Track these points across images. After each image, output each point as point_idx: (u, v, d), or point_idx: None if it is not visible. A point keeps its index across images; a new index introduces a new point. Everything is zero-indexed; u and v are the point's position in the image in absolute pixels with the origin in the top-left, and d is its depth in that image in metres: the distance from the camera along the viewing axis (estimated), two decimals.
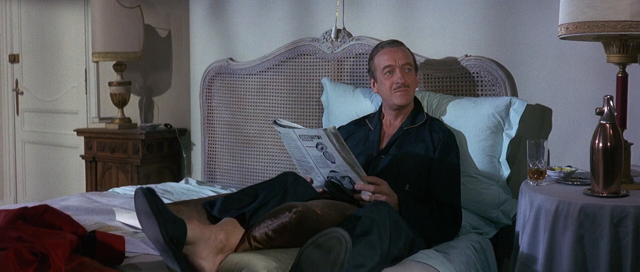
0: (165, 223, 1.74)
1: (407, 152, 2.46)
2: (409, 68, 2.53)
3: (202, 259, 1.82)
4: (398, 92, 2.52)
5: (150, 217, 1.76)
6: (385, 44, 2.60)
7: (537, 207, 2.08)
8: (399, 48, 2.57)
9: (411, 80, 2.53)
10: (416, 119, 2.56)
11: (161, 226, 1.73)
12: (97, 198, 3.03)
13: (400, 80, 2.50)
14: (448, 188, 2.41)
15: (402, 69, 2.51)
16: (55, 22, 4.80)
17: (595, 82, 2.59)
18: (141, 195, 1.77)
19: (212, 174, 3.64)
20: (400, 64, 2.52)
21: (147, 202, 1.75)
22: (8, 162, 5.26)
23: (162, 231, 1.73)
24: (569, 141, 2.67)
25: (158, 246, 1.82)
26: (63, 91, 4.79)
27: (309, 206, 1.94)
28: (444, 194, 2.39)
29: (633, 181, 2.25)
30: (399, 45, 2.59)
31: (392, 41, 2.61)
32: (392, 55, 2.54)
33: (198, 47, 3.74)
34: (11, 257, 1.63)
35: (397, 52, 2.54)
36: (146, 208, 1.76)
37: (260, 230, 1.90)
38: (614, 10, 2.08)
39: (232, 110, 3.55)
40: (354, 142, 2.60)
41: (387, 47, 2.57)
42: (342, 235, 1.66)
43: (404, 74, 2.51)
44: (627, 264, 1.93)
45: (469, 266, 2.27)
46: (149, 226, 1.79)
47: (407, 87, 2.52)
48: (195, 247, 1.81)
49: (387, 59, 2.54)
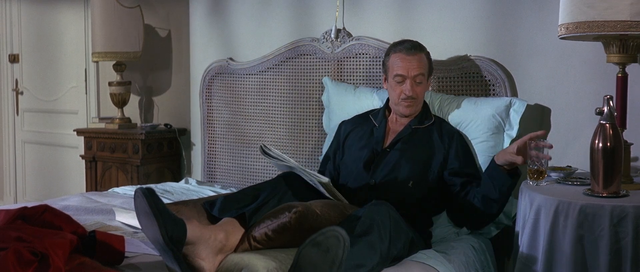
0: (165, 223, 1.74)
1: (413, 150, 2.45)
2: (420, 80, 2.47)
3: (202, 259, 1.82)
4: (404, 103, 2.50)
5: (150, 217, 1.76)
6: (404, 48, 2.50)
7: (537, 207, 2.08)
8: (415, 56, 2.47)
9: (420, 91, 2.49)
10: (424, 120, 2.55)
11: (161, 226, 1.73)
12: (97, 198, 3.03)
13: (408, 93, 2.46)
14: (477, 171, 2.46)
15: (413, 80, 2.46)
16: (55, 22, 4.80)
17: (595, 82, 2.59)
18: (141, 195, 1.77)
19: (212, 174, 3.64)
20: (412, 75, 2.46)
21: (146, 203, 1.75)
22: (8, 162, 5.26)
23: (161, 231, 1.73)
24: (568, 141, 2.67)
25: (158, 246, 1.82)
26: (63, 91, 4.79)
27: (309, 206, 1.94)
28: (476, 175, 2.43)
29: (633, 181, 2.25)
30: (417, 52, 2.48)
31: (412, 46, 2.50)
32: (406, 65, 2.46)
33: (198, 47, 3.74)
34: (11, 257, 1.63)
35: (412, 62, 2.46)
36: (146, 208, 1.76)
37: (260, 230, 1.91)
38: (614, 10, 2.07)
39: (232, 110, 3.54)
40: (359, 135, 2.59)
41: (404, 53, 2.48)
42: (340, 233, 1.67)
43: (414, 85, 2.46)
44: (627, 264, 1.93)
45: (468, 266, 2.27)
46: (148, 226, 1.79)
47: (414, 99, 2.49)
48: (195, 248, 1.82)
49: (401, 67, 2.47)
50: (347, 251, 1.67)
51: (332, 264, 1.66)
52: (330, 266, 1.66)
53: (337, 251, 1.66)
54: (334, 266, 1.66)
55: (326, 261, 1.66)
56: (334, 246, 1.66)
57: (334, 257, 1.66)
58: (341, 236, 1.66)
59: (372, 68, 3.09)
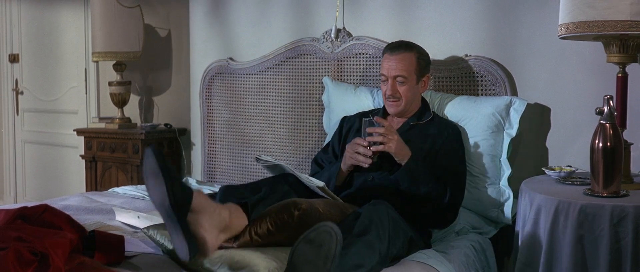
0: (172, 184, 1.70)
1: (412, 146, 2.45)
2: (401, 80, 2.48)
3: (205, 230, 1.78)
4: (388, 102, 2.53)
5: (158, 177, 1.71)
6: (388, 48, 2.55)
7: (537, 207, 2.08)
8: (399, 56, 2.49)
9: (404, 91, 2.49)
10: (423, 117, 2.56)
11: (168, 186, 1.69)
12: (97, 198, 3.03)
13: (388, 92, 2.50)
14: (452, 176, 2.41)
15: (394, 80, 2.49)
16: (55, 22, 4.80)
17: (595, 82, 2.59)
18: (151, 154, 1.72)
19: (212, 174, 3.64)
20: (393, 75, 2.48)
21: (156, 161, 1.71)
22: (8, 162, 5.26)
23: (168, 192, 1.69)
24: (568, 141, 2.67)
25: (162, 210, 1.77)
26: (63, 91, 4.79)
27: (313, 204, 1.95)
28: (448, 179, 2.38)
29: (633, 181, 2.25)
30: (401, 52, 2.50)
31: (397, 45, 2.53)
32: (388, 64, 2.50)
33: (198, 47, 3.74)
34: (11, 257, 1.63)
35: (393, 61, 2.49)
36: (154, 168, 1.71)
37: (262, 224, 1.91)
38: (614, 10, 2.07)
39: (232, 110, 3.54)
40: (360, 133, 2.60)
41: (388, 52, 2.52)
42: (332, 228, 1.67)
43: (395, 85, 2.49)
44: (627, 264, 1.93)
45: (468, 266, 2.27)
46: (155, 187, 1.74)
47: (397, 99, 2.50)
48: (198, 216, 1.78)
49: (384, 67, 2.51)
50: (340, 245, 1.68)
51: (326, 259, 1.66)
52: (324, 261, 1.66)
53: (330, 245, 1.67)
54: (327, 261, 1.66)
55: (320, 256, 1.67)
56: (326, 241, 1.67)
57: (327, 253, 1.67)
58: (333, 231, 1.67)
59: (372, 68, 3.09)
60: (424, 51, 2.56)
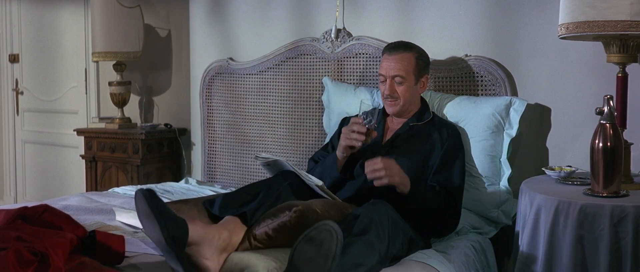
0: (166, 224, 1.74)
1: (411, 147, 2.45)
2: (399, 80, 2.48)
3: (206, 259, 1.82)
4: (386, 102, 2.53)
5: (150, 218, 1.76)
6: (387, 48, 2.55)
7: (537, 207, 2.08)
8: (397, 56, 2.49)
9: (402, 91, 2.49)
10: (422, 117, 2.56)
11: (162, 227, 1.73)
12: (97, 198, 3.03)
13: (386, 92, 2.49)
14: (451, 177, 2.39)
15: (392, 80, 2.49)
16: (55, 22, 4.80)
17: (595, 82, 2.59)
18: (141, 197, 1.77)
19: (212, 174, 3.64)
20: (391, 75, 2.48)
21: (147, 204, 1.75)
22: (8, 162, 5.26)
23: (163, 232, 1.73)
24: (568, 141, 2.67)
25: (160, 247, 1.82)
26: (63, 91, 4.79)
27: (309, 205, 1.95)
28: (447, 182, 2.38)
29: (633, 181, 2.25)
30: (400, 52, 2.50)
31: (395, 45, 2.53)
32: (386, 64, 2.50)
33: (198, 47, 3.74)
34: (11, 257, 1.63)
35: (392, 61, 2.49)
36: (146, 210, 1.76)
37: (260, 229, 1.91)
38: (614, 10, 2.07)
39: (232, 110, 3.54)
40: None
41: (387, 52, 2.52)
42: (332, 227, 1.68)
43: (392, 85, 2.49)
44: (627, 264, 1.93)
45: (468, 266, 2.27)
46: (150, 227, 1.80)
47: (395, 99, 2.50)
48: (199, 248, 1.82)
49: (382, 67, 2.51)
50: (341, 244, 1.68)
51: (327, 257, 1.67)
52: (325, 260, 1.67)
53: (331, 244, 1.67)
54: (328, 259, 1.67)
55: (320, 254, 1.67)
56: (327, 239, 1.67)
57: (327, 251, 1.67)
58: (333, 230, 1.67)
59: (372, 68, 3.09)
60: (424, 52, 2.56)
